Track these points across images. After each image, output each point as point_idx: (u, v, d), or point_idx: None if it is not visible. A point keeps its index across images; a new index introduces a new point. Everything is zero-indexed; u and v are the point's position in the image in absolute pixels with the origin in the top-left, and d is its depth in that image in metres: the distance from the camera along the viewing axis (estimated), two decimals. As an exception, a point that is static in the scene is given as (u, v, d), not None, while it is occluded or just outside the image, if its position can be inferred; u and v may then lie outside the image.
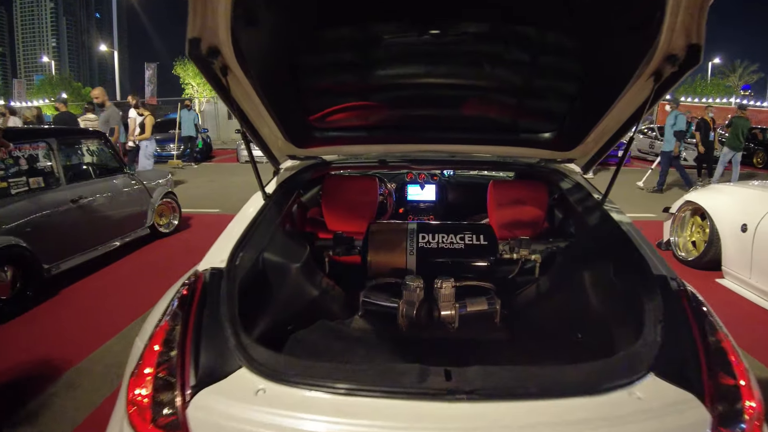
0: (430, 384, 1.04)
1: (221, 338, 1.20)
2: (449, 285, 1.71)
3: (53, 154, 4.32)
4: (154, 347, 1.21)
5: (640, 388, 1.05)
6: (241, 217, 1.75)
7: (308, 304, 1.80)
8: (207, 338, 1.20)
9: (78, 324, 3.53)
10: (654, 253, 1.54)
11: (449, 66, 1.78)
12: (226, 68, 1.49)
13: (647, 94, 1.52)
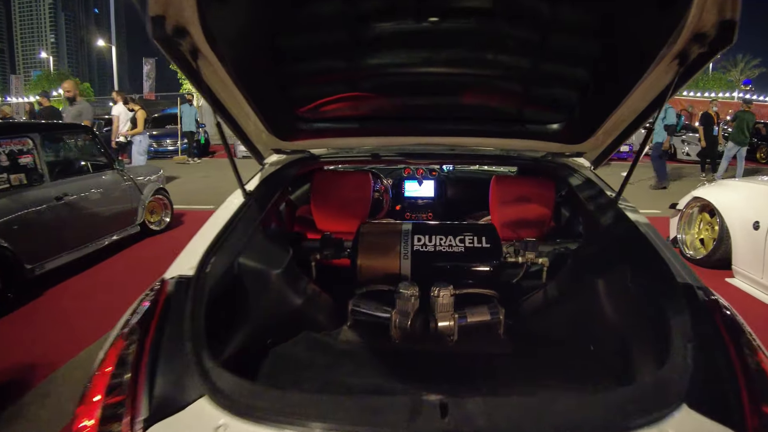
0: (422, 423, 0.87)
1: (181, 361, 1.04)
2: (447, 293, 1.54)
3: (36, 149, 4.14)
4: (106, 369, 1.05)
5: (672, 425, 0.89)
6: (217, 217, 1.59)
7: (291, 314, 1.63)
8: (165, 361, 1.04)
9: (60, 327, 3.38)
10: (676, 258, 1.38)
11: (449, 50, 1.59)
12: (197, 51, 1.31)
13: (670, 78, 1.35)
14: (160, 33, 1.20)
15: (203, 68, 1.37)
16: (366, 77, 1.72)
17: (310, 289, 1.76)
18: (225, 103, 1.59)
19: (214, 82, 1.47)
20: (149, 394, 0.96)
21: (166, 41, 1.23)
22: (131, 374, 1.02)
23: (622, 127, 1.71)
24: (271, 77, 1.64)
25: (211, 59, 1.35)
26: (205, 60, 1.35)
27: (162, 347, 1.08)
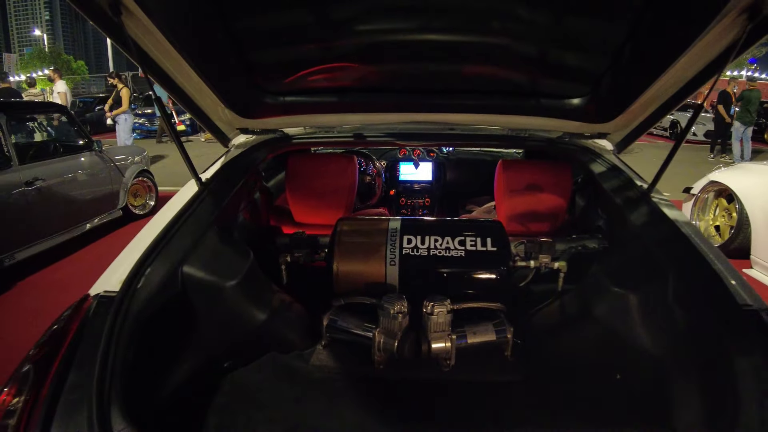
0: None
1: (85, 418, 0.76)
2: (444, 309, 1.26)
3: (2, 131, 3.82)
4: None
5: None
6: (163, 214, 1.30)
7: (253, 332, 1.34)
8: (62, 420, 0.76)
9: (31, 323, 3.12)
10: (732, 272, 1.09)
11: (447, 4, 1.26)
12: (118, 3, 1.00)
13: (732, 38, 1.04)
14: None
15: (129, 25, 1.06)
16: (346, 39, 1.38)
17: (277, 300, 1.46)
18: (167, 71, 1.27)
19: (151, 46, 1.17)
20: None
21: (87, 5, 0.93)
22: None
23: (658, 103, 1.40)
24: (224, 38, 1.31)
25: (139, 16, 1.04)
26: (132, 16, 1.04)
27: (63, 397, 0.80)
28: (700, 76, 1.23)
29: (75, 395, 0.81)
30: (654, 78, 1.22)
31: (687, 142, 14.79)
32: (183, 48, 1.17)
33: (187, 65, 1.24)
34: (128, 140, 8.22)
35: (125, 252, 1.19)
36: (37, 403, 0.80)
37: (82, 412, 0.78)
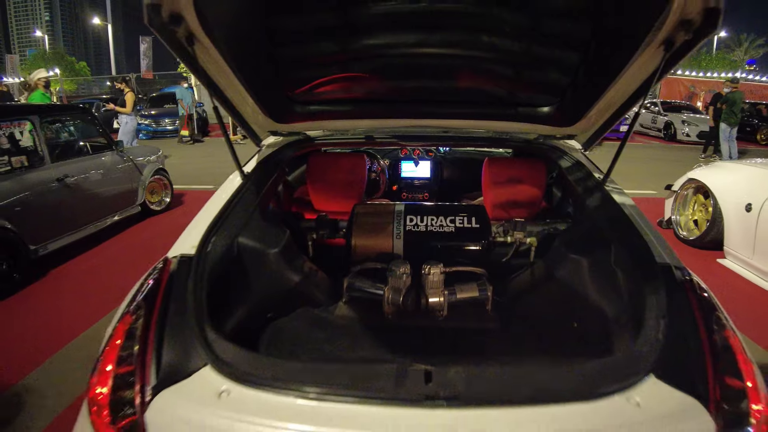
0: (407, 388, 0.94)
1: (186, 333, 1.11)
2: (438, 271, 1.61)
3: (36, 131, 4.17)
4: (116, 342, 1.12)
5: (639, 393, 0.96)
6: (216, 199, 1.64)
7: (289, 291, 1.70)
8: (171, 333, 1.10)
9: (66, 305, 3.46)
10: (659, 239, 1.44)
11: (442, 33, 1.62)
12: (192, 37, 1.35)
13: (656, 64, 1.39)
14: (156, 20, 1.24)
15: (199, 53, 1.41)
16: (360, 60, 1.75)
17: (307, 267, 1.83)
18: (221, 86, 1.63)
19: (210, 66, 1.51)
20: (157, 364, 1.03)
21: (162, 28, 1.27)
22: (139, 346, 1.08)
23: (611, 111, 1.76)
24: (266, 60, 1.68)
25: (206, 44, 1.39)
26: (201, 45, 1.39)
27: (167, 321, 1.14)
28: (640, 89, 1.57)
29: (177, 318, 1.14)
30: (602, 92, 1.58)
31: (681, 143, 15.06)
32: (236, 67, 1.52)
33: (236, 80, 1.59)
34: (129, 142, 8.51)
35: (191, 226, 1.53)
36: (150, 323, 1.14)
37: (185, 328, 1.11)
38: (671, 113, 16.32)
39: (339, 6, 1.50)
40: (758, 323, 3.21)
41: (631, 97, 1.61)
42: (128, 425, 0.98)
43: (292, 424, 0.88)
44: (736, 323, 1.27)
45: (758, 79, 25.79)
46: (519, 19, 1.50)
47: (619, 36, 1.43)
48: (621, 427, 0.89)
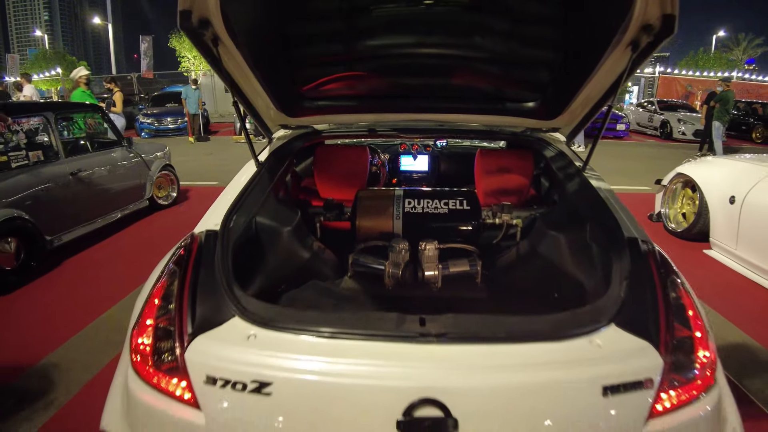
0: (405, 328, 1.13)
1: (216, 291, 1.29)
2: (433, 247, 1.80)
3: (51, 127, 4.35)
4: (154, 301, 1.30)
5: (600, 337, 1.14)
6: (235, 184, 1.83)
7: (300, 266, 1.89)
8: (203, 292, 1.29)
9: (82, 292, 3.64)
10: (629, 218, 1.62)
11: (437, 36, 1.83)
12: (217, 39, 1.54)
13: (626, 63, 1.58)
14: (187, 24, 1.43)
15: (222, 54, 1.60)
16: (363, 60, 1.95)
17: (316, 245, 2.03)
18: (239, 84, 1.82)
19: (230, 65, 1.70)
20: (192, 316, 1.22)
21: (191, 31, 1.46)
22: (175, 303, 1.27)
23: (589, 105, 1.95)
24: (280, 60, 1.88)
25: (229, 45, 1.58)
26: (224, 46, 1.58)
27: (199, 282, 1.33)
28: (614, 85, 1.76)
29: (208, 280, 1.32)
30: (580, 87, 1.77)
31: (677, 141, 15.23)
32: (253, 66, 1.71)
33: (253, 77, 1.77)
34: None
35: (213, 207, 1.70)
36: (184, 284, 1.32)
37: (215, 288, 1.29)
38: (667, 112, 16.52)
39: (345, 13, 1.70)
40: (741, 310, 3.40)
41: (606, 92, 1.80)
42: (170, 366, 1.17)
43: (311, 356, 1.07)
44: (719, 310, 1.45)
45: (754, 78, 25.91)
46: (504, 24, 1.70)
47: (591, 38, 1.62)
48: (581, 360, 1.08)
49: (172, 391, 1.13)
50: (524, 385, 1.03)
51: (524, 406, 1.02)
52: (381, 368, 1.04)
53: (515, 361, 1.07)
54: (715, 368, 1.22)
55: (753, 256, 3.99)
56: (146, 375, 1.20)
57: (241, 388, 1.04)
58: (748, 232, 4.04)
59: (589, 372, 1.05)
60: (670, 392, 1.11)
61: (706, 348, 1.22)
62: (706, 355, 1.21)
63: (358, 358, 1.07)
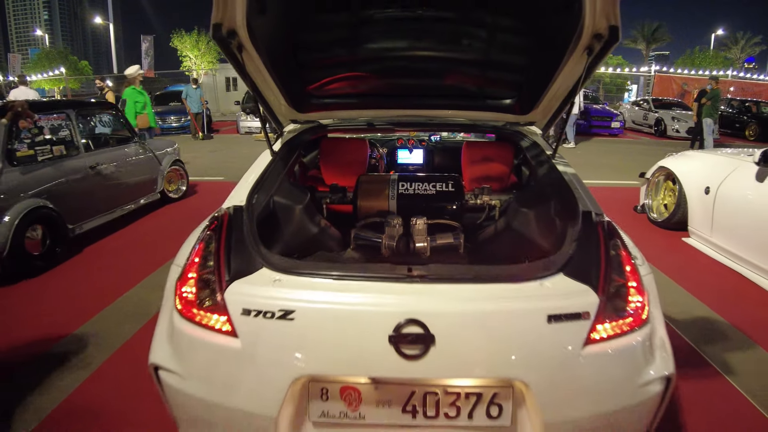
0: (396, 272, 1.44)
1: (246, 250, 1.59)
2: (422, 222, 2.10)
3: (72, 124, 4.67)
4: (194, 259, 1.61)
5: (549, 281, 1.45)
6: (254, 169, 2.14)
7: (309, 238, 2.20)
8: (235, 250, 1.59)
9: (104, 274, 3.96)
10: (588, 196, 1.92)
11: (427, 43, 2.14)
12: (242, 47, 1.85)
13: (583, 66, 1.89)
14: (218, 34, 1.74)
15: (245, 59, 1.91)
16: (364, 63, 2.27)
17: (322, 222, 2.34)
18: (257, 84, 2.13)
19: (251, 68, 2.01)
20: (228, 268, 1.52)
21: (221, 40, 1.77)
22: (215, 259, 1.57)
23: (558, 102, 2.26)
24: (291, 63, 2.19)
25: (251, 51, 1.89)
26: (247, 53, 1.89)
27: (232, 243, 1.63)
28: (576, 85, 2.06)
29: (239, 241, 1.61)
30: (546, 86, 2.08)
31: (670, 138, 15.52)
32: (271, 69, 2.01)
33: (270, 79, 2.08)
34: None
35: (237, 188, 1.99)
36: (220, 246, 1.62)
37: (245, 247, 1.59)
38: (662, 110, 16.84)
39: (349, 25, 2.02)
40: (709, 290, 3.71)
41: (570, 91, 2.11)
42: (212, 306, 1.47)
43: (323, 291, 1.39)
44: (693, 292, 1.72)
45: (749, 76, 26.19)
46: (482, 33, 2.03)
47: (552, 45, 1.93)
48: (530, 296, 1.38)
49: (213, 326, 1.43)
50: (485, 312, 1.34)
51: (485, 327, 1.33)
52: (376, 298, 1.36)
53: (479, 296, 1.38)
54: (647, 311, 1.52)
55: (725, 242, 4.30)
56: (191, 316, 1.50)
57: (270, 315, 1.35)
58: (721, 221, 4.36)
59: (537, 304, 1.36)
60: (605, 325, 1.41)
61: (638, 294, 1.52)
62: (638, 299, 1.51)
63: (359, 292, 1.38)
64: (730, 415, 2.30)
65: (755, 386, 2.49)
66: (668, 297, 3.53)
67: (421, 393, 1.35)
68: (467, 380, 1.35)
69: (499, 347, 1.33)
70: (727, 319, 3.23)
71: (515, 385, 1.35)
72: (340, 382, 1.37)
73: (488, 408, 1.35)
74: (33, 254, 3.99)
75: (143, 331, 2.98)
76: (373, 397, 1.36)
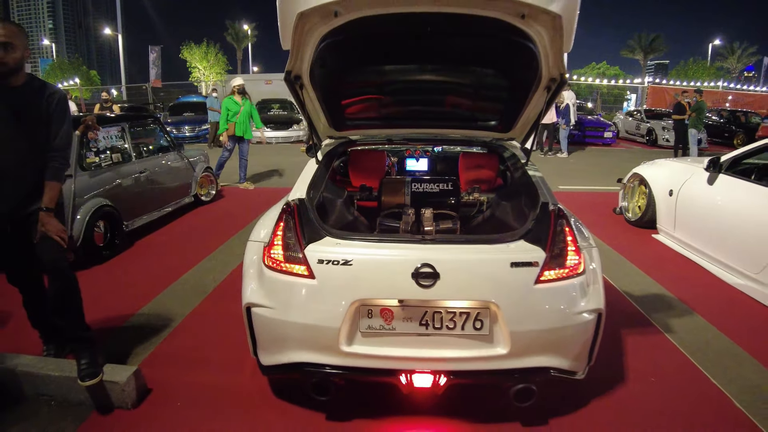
0: (414, 238, 2.21)
1: (313, 225, 2.33)
2: (429, 212, 2.84)
3: (126, 135, 5.45)
4: (277, 232, 2.34)
5: (513, 244, 2.19)
6: (305, 173, 2.89)
7: (347, 224, 2.95)
8: (306, 225, 2.32)
9: (157, 263, 4.70)
10: (548, 191, 2.66)
11: (432, 83, 2.95)
12: (303, 86, 2.62)
13: (545, 99, 2.66)
14: (288, 78, 2.51)
15: (304, 94, 2.69)
16: (385, 95, 3.08)
17: (355, 212, 3.12)
18: (308, 110, 2.90)
19: (306, 100, 2.79)
20: (304, 237, 2.25)
21: (290, 82, 2.55)
22: (293, 232, 2.30)
23: (530, 123, 3.03)
24: (335, 96, 2.97)
25: (309, 89, 2.67)
26: (306, 90, 2.67)
27: (303, 222, 2.36)
28: (541, 112, 2.83)
29: (308, 220, 2.33)
30: (519, 114, 2.87)
31: (660, 147, 16.27)
32: (320, 100, 2.79)
33: (318, 106, 2.86)
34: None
35: (295, 187, 2.70)
36: (295, 222, 2.34)
37: (313, 223, 2.31)
38: (653, 120, 17.63)
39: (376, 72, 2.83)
40: (666, 274, 4.45)
41: (538, 116, 2.89)
42: (296, 259, 2.20)
43: (370, 249, 2.13)
44: (652, 275, 2.47)
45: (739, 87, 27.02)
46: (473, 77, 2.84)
47: (522, 86, 2.71)
48: (500, 251, 2.12)
49: (297, 272, 2.17)
50: (471, 260, 2.09)
51: (471, 269, 2.08)
52: (403, 251, 2.10)
53: (468, 251, 2.13)
54: (583, 267, 2.26)
55: (685, 236, 5.05)
56: (279, 268, 2.23)
57: (336, 263, 2.09)
58: (681, 218, 5.11)
59: (504, 256, 2.11)
60: (550, 272, 2.14)
61: (576, 255, 2.24)
62: (575, 258, 2.23)
63: (393, 249, 2.14)
64: (663, 359, 3.03)
65: (686, 340, 3.23)
66: (631, 280, 4.28)
67: (431, 312, 2.10)
68: (460, 302, 2.09)
69: (480, 281, 2.09)
70: (676, 295, 3.98)
71: (491, 307, 2.10)
72: (380, 305, 2.11)
73: (474, 322, 2.10)
74: (99, 245, 4.75)
75: (204, 303, 3.74)
76: (401, 315, 2.11)
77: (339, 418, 2.39)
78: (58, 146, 2.47)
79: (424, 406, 2.48)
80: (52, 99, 2.46)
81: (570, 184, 9.06)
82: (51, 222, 2.37)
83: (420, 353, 2.12)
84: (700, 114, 12.10)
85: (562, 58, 2.38)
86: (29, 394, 2.49)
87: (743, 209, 4.24)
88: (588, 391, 2.61)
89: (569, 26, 2.18)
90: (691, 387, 2.73)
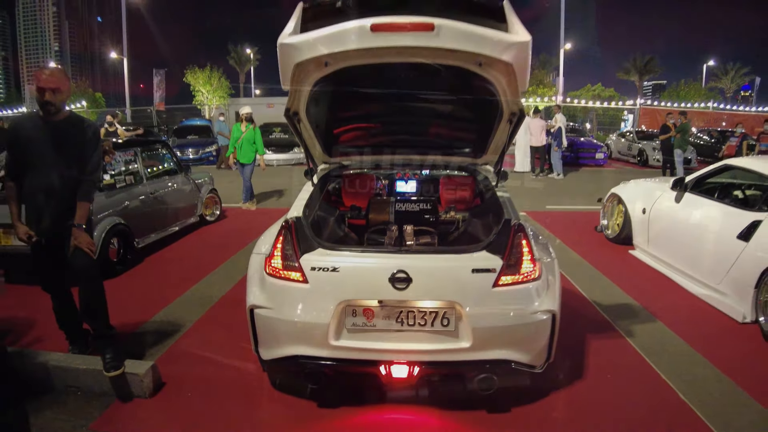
0: (393, 248, 2.60)
1: (308, 239, 2.72)
2: (410, 228, 3.24)
3: (138, 158, 5.90)
4: (277, 244, 2.73)
5: (475, 254, 2.57)
6: (302, 194, 3.29)
7: (338, 239, 3.36)
8: (302, 239, 2.70)
9: (166, 277, 5.09)
10: (513, 209, 3.06)
11: (413, 116, 3.40)
12: (300, 120, 3.06)
13: (510, 129, 3.09)
14: (288, 114, 2.94)
15: (301, 126, 3.12)
16: (373, 127, 3.52)
17: (346, 229, 3.53)
18: (305, 139, 3.33)
19: (302, 131, 3.22)
20: (300, 248, 2.64)
21: (289, 117, 2.98)
22: (291, 243, 2.68)
23: (499, 150, 3.46)
24: (328, 128, 3.41)
25: (305, 122, 3.10)
26: (303, 123, 3.10)
27: (299, 236, 2.75)
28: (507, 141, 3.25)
29: (304, 235, 2.70)
30: (487, 142, 3.29)
31: (651, 167, 16.71)
32: (315, 131, 3.22)
33: (314, 136, 3.28)
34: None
35: (293, 208, 3.11)
36: (293, 236, 2.71)
37: (308, 237, 2.69)
38: (644, 141, 18.12)
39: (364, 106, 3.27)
40: (636, 286, 4.81)
41: (505, 143, 3.32)
42: (292, 267, 2.58)
43: (355, 258, 2.53)
44: (622, 287, 2.89)
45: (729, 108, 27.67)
46: (448, 110, 3.28)
47: (488, 119, 3.14)
48: (465, 259, 2.50)
49: (293, 278, 2.55)
50: (439, 267, 2.48)
51: (439, 274, 2.47)
52: (382, 259, 2.49)
53: (437, 259, 2.52)
54: (537, 273, 2.63)
55: (657, 251, 5.43)
56: (278, 274, 2.61)
57: (326, 269, 2.48)
58: (654, 235, 5.50)
59: (467, 263, 2.49)
60: (506, 278, 2.51)
61: (531, 263, 2.61)
62: (530, 266, 2.61)
63: (374, 257, 2.54)
64: (621, 359, 3.39)
65: (646, 343, 3.58)
66: (603, 291, 4.64)
67: (406, 311, 2.47)
68: (430, 302, 2.47)
69: (446, 285, 2.48)
70: (642, 304, 4.33)
71: (456, 307, 2.47)
72: (362, 305, 2.49)
73: (442, 320, 2.48)
74: (112, 260, 5.14)
75: (211, 310, 4.12)
76: (381, 314, 2.48)
77: (329, 405, 2.75)
78: (90, 171, 2.90)
79: (402, 396, 2.84)
80: (87, 131, 2.90)
81: (557, 203, 9.46)
82: (82, 236, 2.78)
83: (397, 346, 2.50)
84: (685, 134, 12.60)
85: (518, 97, 2.80)
86: (59, 386, 2.85)
87: (705, 225, 4.64)
88: (548, 385, 2.97)
89: (522, 71, 2.59)
90: (643, 383, 3.08)
